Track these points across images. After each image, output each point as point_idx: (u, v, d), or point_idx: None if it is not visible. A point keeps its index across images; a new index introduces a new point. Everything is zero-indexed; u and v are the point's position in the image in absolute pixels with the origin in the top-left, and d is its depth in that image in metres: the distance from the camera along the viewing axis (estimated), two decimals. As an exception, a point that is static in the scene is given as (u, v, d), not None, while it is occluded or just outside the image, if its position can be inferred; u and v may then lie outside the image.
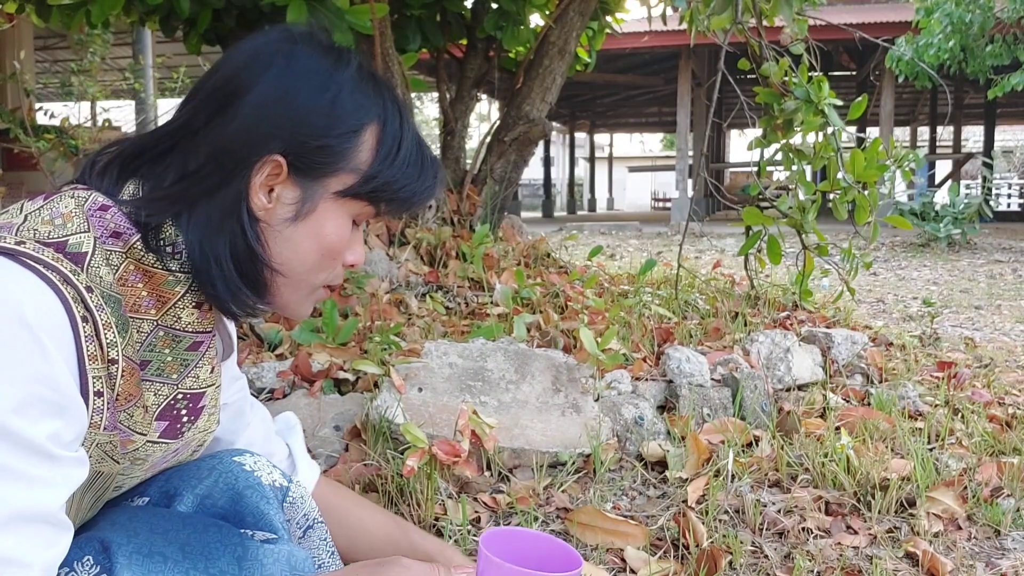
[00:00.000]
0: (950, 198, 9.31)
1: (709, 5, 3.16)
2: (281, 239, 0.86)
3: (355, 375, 2.07)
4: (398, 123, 0.89)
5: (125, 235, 0.81)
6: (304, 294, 0.92)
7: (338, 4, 2.59)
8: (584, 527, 1.54)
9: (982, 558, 1.52)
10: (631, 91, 18.22)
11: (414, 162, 0.89)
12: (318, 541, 1.02)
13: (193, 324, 0.87)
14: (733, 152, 26.84)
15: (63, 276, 0.75)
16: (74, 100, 8.68)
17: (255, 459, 1.00)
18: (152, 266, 0.83)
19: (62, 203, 0.81)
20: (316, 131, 0.84)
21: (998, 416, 2.23)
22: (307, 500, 1.03)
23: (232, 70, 0.85)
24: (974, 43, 10.41)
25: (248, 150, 0.83)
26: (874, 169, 3.05)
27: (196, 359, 0.89)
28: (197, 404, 0.90)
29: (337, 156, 0.85)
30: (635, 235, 11.52)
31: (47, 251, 0.76)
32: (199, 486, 0.95)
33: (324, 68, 0.85)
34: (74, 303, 0.75)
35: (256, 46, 0.87)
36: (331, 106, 0.84)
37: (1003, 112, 19.45)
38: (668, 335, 2.62)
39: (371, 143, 0.87)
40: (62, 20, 3.09)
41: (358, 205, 0.88)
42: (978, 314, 4.59)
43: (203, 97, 0.86)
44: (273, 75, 0.84)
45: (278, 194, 0.85)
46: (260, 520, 0.94)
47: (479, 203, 3.55)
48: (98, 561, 0.81)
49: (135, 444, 0.85)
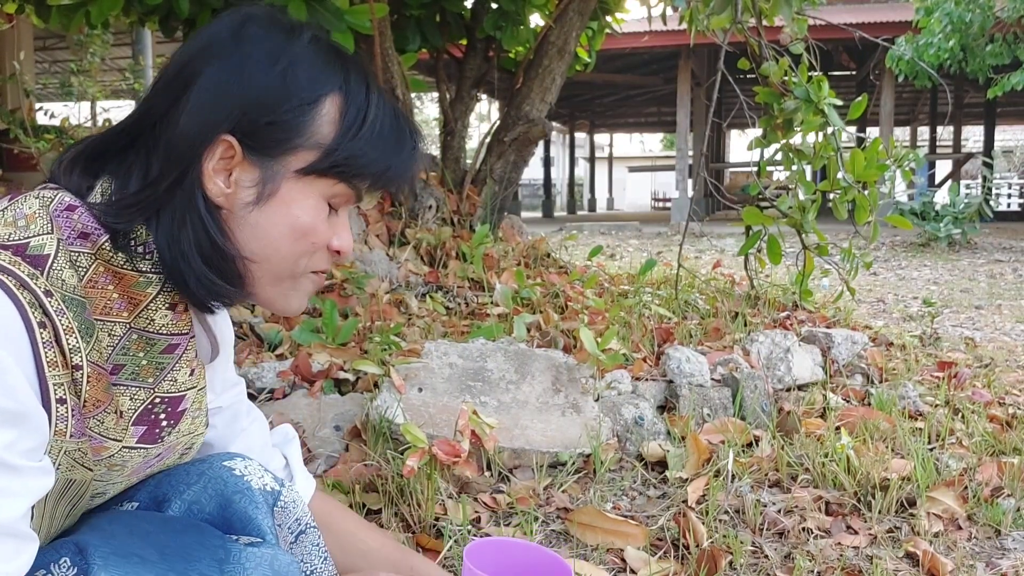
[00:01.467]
0: (950, 198, 9.31)
1: (709, 5, 3.16)
2: (247, 225, 0.82)
3: (355, 375, 2.07)
4: (363, 94, 0.84)
5: (93, 236, 0.78)
6: (287, 286, 0.87)
7: (338, 4, 2.59)
8: (584, 527, 1.54)
9: (982, 558, 1.52)
10: (631, 91, 18.22)
11: (384, 135, 0.84)
12: (310, 546, 1.00)
13: (167, 326, 0.84)
14: (733, 152, 26.84)
15: (19, 280, 0.72)
16: (74, 100, 8.69)
17: (246, 463, 0.97)
18: (122, 267, 0.80)
19: (26, 204, 0.78)
20: (266, 106, 0.80)
21: (998, 416, 2.23)
22: (299, 505, 1.00)
23: (185, 57, 0.82)
24: (974, 42, 10.42)
25: (200, 136, 0.79)
26: (874, 169, 3.05)
27: (172, 362, 0.86)
28: (177, 408, 0.88)
29: (292, 131, 0.81)
30: (635, 235, 11.51)
31: (4, 254, 0.73)
32: (187, 491, 0.93)
33: (274, 42, 0.82)
34: (30, 308, 0.72)
35: (208, 30, 0.84)
36: (281, 79, 0.80)
37: (1003, 112, 19.45)
38: (668, 335, 2.62)
39: (332, 116, 0.82)
40: (62, 21, 3.08)
41: (327, 184, 0.83)
42: (978, 314, 4.59)
43: (159, 88, 0.83)
44: (222, 56, 0.80)
45: (236, 178, 0.81)
46: (248, 525, 0.91)
47: (479, 203, 3.55)
48: (75, 563, 0.78)
49: (109, 450, 0.82)
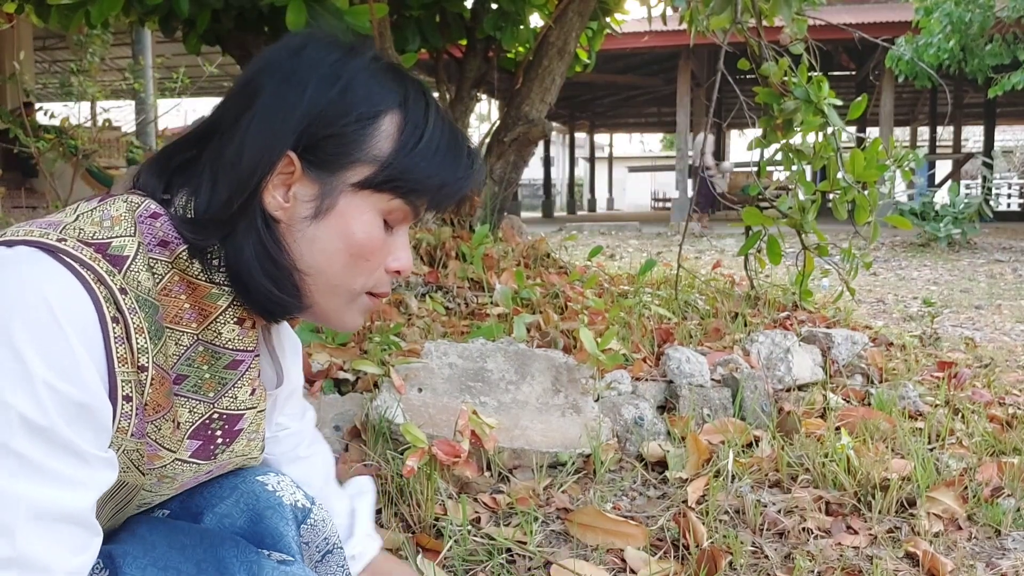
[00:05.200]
0: (950, 198, 9.30)
1: (709, 5, 3.15)
2: (304, 239, 0.83)
3: (355, 375, 2.07)
4: (422, 111, 0.85)
5: (172, 245, 0.80)
6: (343, 301, 0.87)
7: (337, 4, 2.59)
8: (584, 527, 1.53)
9: (982, 558, 1.52)
10: (631, 91, 18.21)
11: (441, 151, 0.85)
12: (335, 567, 1.01)
13: (234, 341, 0.85)
14: (733, 152, 26.83)
15: (97, 275, 0.74)
16: (74, 100, 8.69)
17: (279, 479, 0.98)
18: (196, 278, 0.82)
19: (114, 206, 0.80)
20: (327, 120, 0.81)
21: (998, 416, 2.23)
22: (328, 524, 1.00)
23: (249, 75, 0.85)
24: (974, 43, 10.41)
25: (266, 153, 0.81)
26: (874, 169, 3.05)
27: (235, 378, 0.87)
28: (234, 426, 0.89)
29: (351, 144, 0.82)
30: (635, 235, 11.51)
31: (86, 250, 0.75)
32: (220, 505, 0.94)
33: (334, 59, 0.83)
34: (105, 303, 0.73)
35: (270, 50, 0.86)
36: (341, 95, 0.82)
37: (1003, 112, 19.45)
38: (668, 335, 2.62)
39: (391, 132, 0.83)
40: (61, 20, 3.08)
41: (383, 199, 0.84)
42: (978, 314, 4.59)
43: (226, 103, 0.86)
44: (283, 73, 0.83)
45: (295, 192, 0.82)
46: (279, 542, 0.92)
47: (479, 203, 3.54)
48: (107, 566, 0.79)
49: (163, 460, 0.83)
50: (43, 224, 0.77)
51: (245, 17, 3.16)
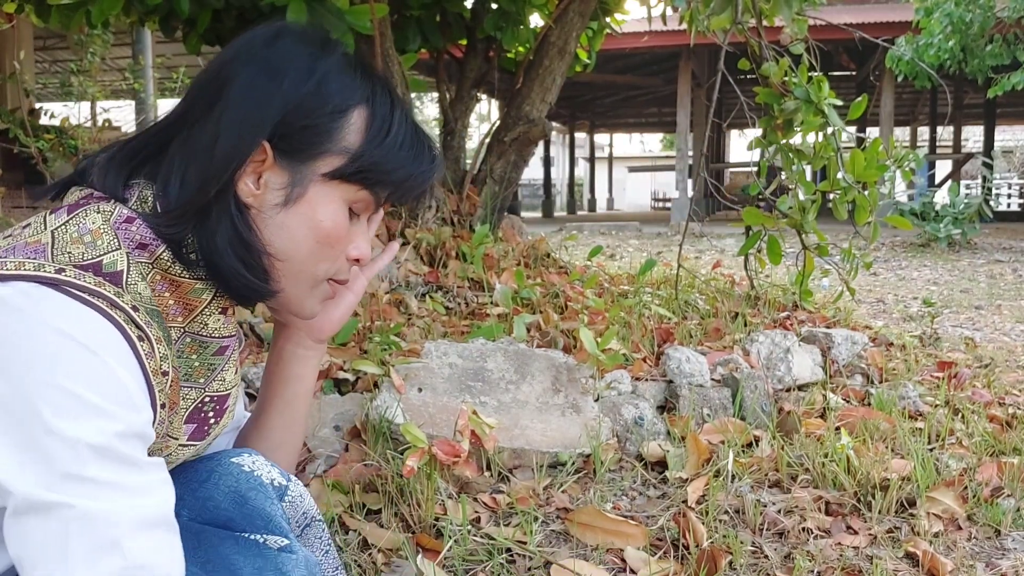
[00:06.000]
0: (950, 198, 9.30)
1: (709, 5, 3.15)
2: (274, 225, 0.86)
3: (355, 375, 2.07)
4: (388, 106, 0.89)
5: (151, 247, 0.82)
6: (306, 287, 0.91)
7: (338, 4, 2.58)
8: (584, 527, 1.54)
9: (982, 558, 1.52)
10: (631, 91, 18.21)
11: (406, 144, 0.89)
12: (314, 539, 1.01)
13: (219, 330, 0.89)
14: (733, 152, 26.83)
15: (109, 301, 0.76)
16: (74, 100, 8.69)
17: (253, 458, 0.98)
18: (179, 276, 0.84)
19: (88, 219, 0.80)
20: (304, 111, 0.84)
21: (998, 416, 2.23)
22: (306, 498, 1.01)
23: (220, 64, 0.87)
24: (974, 43, 10.41)
25: (242, 142, 0.83)
26: (874, 169, 3.05)
27: (222, 363, 0.90)
28: (223, 405, 0.92)
29: (323, 136, 0.85)
30: (635, 235, 11.51)
31: (87, 276, 0.76)
32: (200, 489, 0.93)
33: (308, 54, 0.86)
34: (127, 325, 0.76)
35: (242, 40, 0.88)
36: (316, 88, 0.85)
37: (1003, 112, 19.45)
38: (668, 335, 2.62)
39: (359, 125, 0.87)
40: (62, 20, 3.08)
41: (351, 190, 0.87)
42: (978, 314, 4.59)
43: (195, 92, 0.87)
44: (257, 63, 0.85)
45: (266, 180, 0.85)
46: (269, 522, 0.91)
47: (479, 203, 3.54)
48: None
49: (169, 448, 0.87)
50: (26, 251, 0.77)
51: (246, 17, 3.16)
